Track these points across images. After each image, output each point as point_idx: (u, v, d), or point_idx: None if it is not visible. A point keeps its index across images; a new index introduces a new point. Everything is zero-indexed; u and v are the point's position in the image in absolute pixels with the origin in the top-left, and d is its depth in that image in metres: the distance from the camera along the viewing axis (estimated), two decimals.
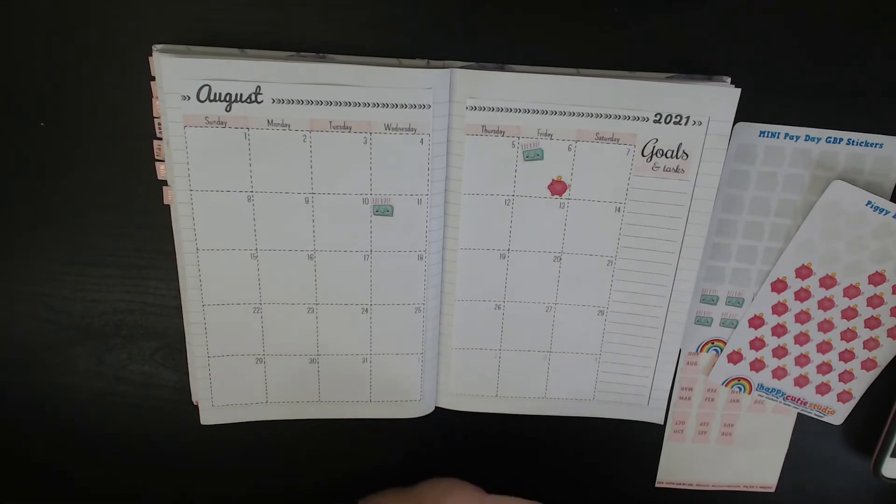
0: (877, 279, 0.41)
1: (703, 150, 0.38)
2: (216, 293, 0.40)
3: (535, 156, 0.38)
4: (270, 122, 0.36)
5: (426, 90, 0.36)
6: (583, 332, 0.42)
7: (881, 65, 0.38)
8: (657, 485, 0.48)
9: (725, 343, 0.44)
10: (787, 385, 0.45)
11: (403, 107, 0.36)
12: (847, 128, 0.39)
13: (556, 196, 0.39)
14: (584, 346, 0.43)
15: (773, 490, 0.48)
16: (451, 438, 0.46)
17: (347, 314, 0.41)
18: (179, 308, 0.41)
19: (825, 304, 0.42)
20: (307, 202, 0.38)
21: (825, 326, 0.43)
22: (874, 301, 0.42)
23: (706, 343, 0.44)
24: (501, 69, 0.37)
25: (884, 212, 0.39)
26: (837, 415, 0.45)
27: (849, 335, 0.43)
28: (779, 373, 0.44)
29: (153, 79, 0.36)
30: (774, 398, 0.45)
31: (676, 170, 0.38)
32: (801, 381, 0.44)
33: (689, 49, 0.37)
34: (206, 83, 0.35)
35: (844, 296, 0.42)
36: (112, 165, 0.39)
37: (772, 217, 0.41)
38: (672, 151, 0.38)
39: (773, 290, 0.42)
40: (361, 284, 0.40)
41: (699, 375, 0.45)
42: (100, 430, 0.45)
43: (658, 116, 0.37)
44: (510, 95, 0.37)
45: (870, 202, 0.39)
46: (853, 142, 0.38)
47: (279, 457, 0.46)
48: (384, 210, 0.39)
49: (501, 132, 0.38)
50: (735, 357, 0.44)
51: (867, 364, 0.44)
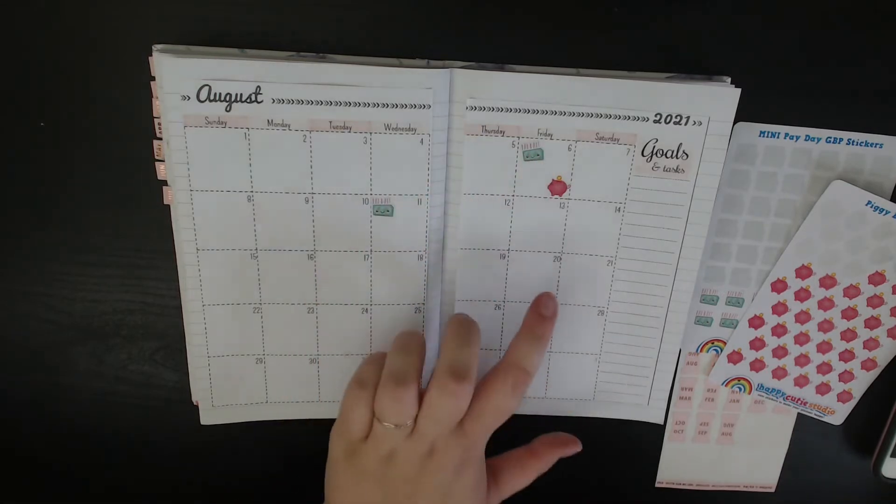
0: (877, 279, 0.41)
1: (703, 150, 0.38)
2: (216, 293, 0.40)
3: (535, 156, 0.38)
4: (270, 122, 0.36)
5: (426, 90, 0.36)
6: (583, 332, 0.42)
7: (881, 65, 0.38)
8: (657, 485, 0.48)
9: (725, 343, 0.44)
10: (787, 385, 0.45)
11: (403, 107, 0.36)
12: (847, 128, 0.39)
13: (556, 196, 0.39)
14: (584, 346, 0.43)
15: (773, 490, 0.48)
16: None
17: (347, 314, 0.41)
18: (179, 308, 0.41)
19: (825, 304, 0.42)
20: (307, 202, 0.38)
21: (825, 326, 0.43)
22: (874, 301, 0.42)
23: (706, 343, 0.44)
24: (501, 69, 0.37)
25: (884, 212, 0.39)
26: (837, 415, 0.45)
27: (849, 335, 0.43)
28: (779, 373, 0.44)
29: (153, 79, 0.36)
30: (774, 398, 0.45)
31: (676, 170, 0.38)
32: (801, 381, 0.44)
33: (689, 49, 0.37)
34: (206, 83, 0.35)
35: (844, 296, 0.42)
36: (112, 165, 0.39)
37: (772, 217, 0.41)
38: (672, 151, 0.38)
39: (773, 291, 0.42)
40: (361, 284, 0.40)
41: (699, 375, 0.45)
42: (100, 430, 0.45)
43: (658, 116, 0.37)
44: (510, 95, 0.37)
45: (870, 202, 0.39)
46: (853, 142, 0.38)
47: (279, 457, 0.46)
48: (384, 210, 0.39)
49: (501, 132, 0.38)
50: (735, 357, 0.44)
51: (867, 364, 0.44)
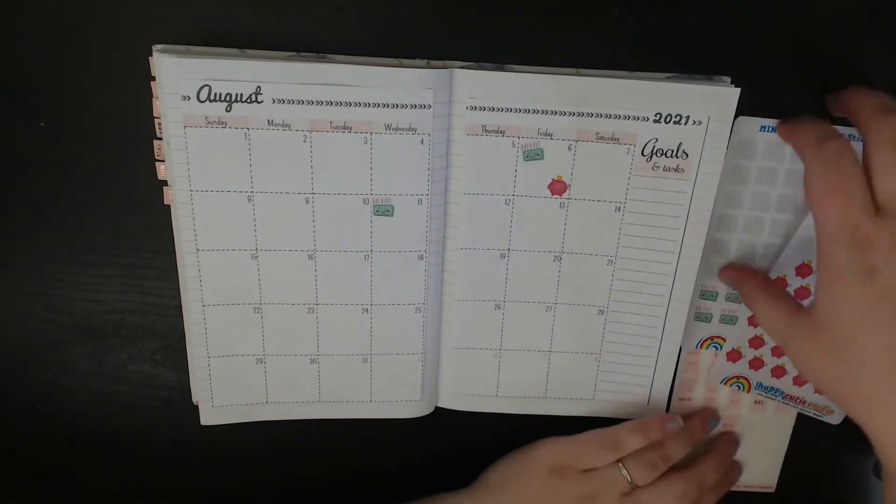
0: None
1: (703, 150, 0.38)
2: (216, 293, 0.40)
3: (535, 155, 0.38)
4: (270, 122, 0.36)
5: (426, 90, 0.36)
6: (582, 332, 0.42)
7: (881, 65, 0.38)
8: None
9: (725, 340, 0.44)
10: (786, 384, 0.44)
11: (403, 107, 0.36)
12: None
13: (556, 196, 0.39)
14: (584, 346, 0.43)
15: (773, 490, 0.48)
16: (451, 438, 0.46)
17: (347, 314, 0.41)
18: (179, 308, 0.41)
19: None
20: (307, 202, 0.38)
21: None
22: None
23: (706, 340, 0.44)
24: (501, 69, 0.37)
25: None
26: (836, 414, 0.45)
27: None
28: (777, 371, 0.44)
29: (153, 79, 0.36)
30: (773, 397, 0.45)
31: (676, 169, 0.38)
32: (800, 380, 0.44)
33: (689, 49, 0.37)
34: (206, 83, 0.35)
35: None
36: (112, 165, 0.39)
37: (772, 213, 0.40)
38: (672, 151, 0.38)
39: (779, 285, 0.41)
40: (361, 284, 0.40)
41: (699, 375, 0.45)
42: (100, 430, 0.45)
43: (658, 116, 0.37)
44: (510, 95, 0.37)
45: None
46: (854, 137, 0.38)
47: (279, 457, 0.46)
48: (384, 210, 0.39)
49: (501, 132, 0.38)
50: (734, 355, 0.44)
51: None
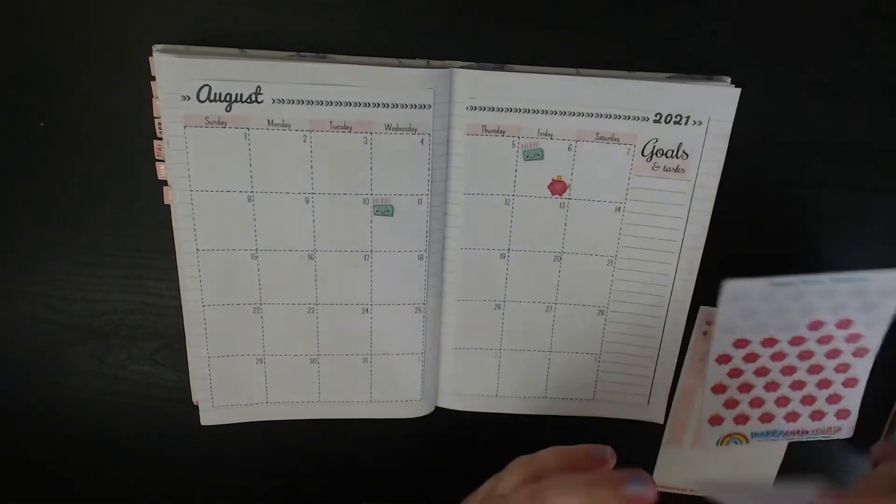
0: (816, 325, 0.39)
1: (703, 150, 0.38)
2: (216, 293, 0.40)
3: (535, 156, 0.38)
4: (270, 122, 0.36)
5: (426, 90, 0.36)
6: (583, 332, 0.42)
7: (881, 65, 0.38)
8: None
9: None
10: (780, 424, 0.43)
11: (404, 107, 0.36)
12: (846, 128, 0.39)
13: (557, 196, 0.39)
14: (584, 346, 0.43)
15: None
16: (451, 438, 0.46)
17: (347, 314, 0.41)
18: (179, 308, 0.41)
19: (777, 356, 0.41)
20: (307, 202, 0.38)
21: (788, 371, 0.41)
22: (824, 339, 0.40)
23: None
24: (501, 69, 0.37)
25: (788, 285, 0.37)
26: (844, 430, 0.44)
27: (815, 369, 0.41)
28: (765, 418, 0.43)
29: (153, 79, 0.36)
30: (775, 438, 0.44)
31: (676, 169, 0.38)
32: (792, 417, 0.43)
33: (689, 49, 0.37)
34: (206, 83, 0.35)
35: (792, 345, 0.40)
36: (112, 165, 0.39)
37: None
38: (672, 151, 0.38)
39: (721, 363, 0.41)
40: (361, 284, 0.40)
41: (699, 377, 0.45)
42: (100, 430, 0.45)
43: (658, 116, 0.37)
44: (510, 95, 0.37)
45: (772, 283, 0.37)
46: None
47: (279, 457, 0.46)
48: (384, 210, 0.39)
49: (501, 132, 0.38)
50: (716, 420, 0.43)
51: (849, 382, 0.42)
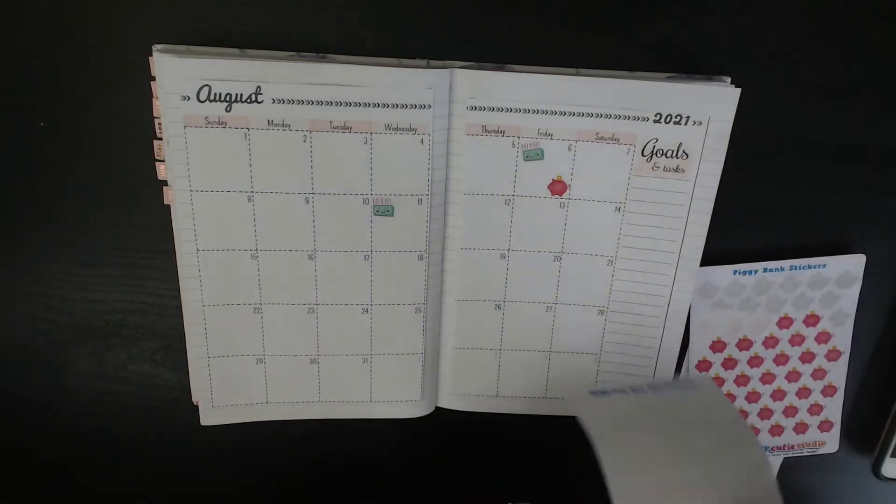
0: (785, 322, 0.41)
1: (703, 150, 0.38)
2: (216, 293, 0.40)
3: (535, 156, 0.38)
4: (270, 123, 0.36)
5: (426, 90, 0.36)
6: (583, 332, 0.42)
7: (881, 65, 0.38)
8: None
9: None
10: (766, 439, 0.44)
11: (404, 107, 0.36)
12: (846, 128, 0.39)
13: (556, 196, 0.39)
14: (584, 346, 0.43)
15: None
16: (451, 438, 0.46)
17: (347, 314, 0.41)
18: (179, 308, 0.41)
19: (755, 362, 0.42)
20: (307, 202, 0.38)
21: (767, 378, 0.42)
22: (796, 339, 0.41)
23: None
24: (501, 69, 0.37)
25: (751, 272, 0.39)
26: (829, 444, 0.45)
27: (793, 375, 0.42)
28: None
29: (153, 79, 0.36)
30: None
31: (676, 169, 0.38)
32: (776, 430, 0.44)
33: (689, 49, 0.37)
34: (206, 83, 0.35)
35: (767, 348, 0.41)
36: (112, 165, 0.39)
37: None
38: (672, 151, 0.38)
39: (701, 369, 0.42)
40: (361, 284, 0.40)
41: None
42: (100, 430, 0.45)
43: (658, 116, 0.37)
44: (510, 95, 0.37)
45: (735, 271, 0.39)
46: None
47: (279, 457, 0.46)
48: (384, 210, 0.39)
49: (501, 132, 0.38)
50: None
51: (827, 391, 0.43)
